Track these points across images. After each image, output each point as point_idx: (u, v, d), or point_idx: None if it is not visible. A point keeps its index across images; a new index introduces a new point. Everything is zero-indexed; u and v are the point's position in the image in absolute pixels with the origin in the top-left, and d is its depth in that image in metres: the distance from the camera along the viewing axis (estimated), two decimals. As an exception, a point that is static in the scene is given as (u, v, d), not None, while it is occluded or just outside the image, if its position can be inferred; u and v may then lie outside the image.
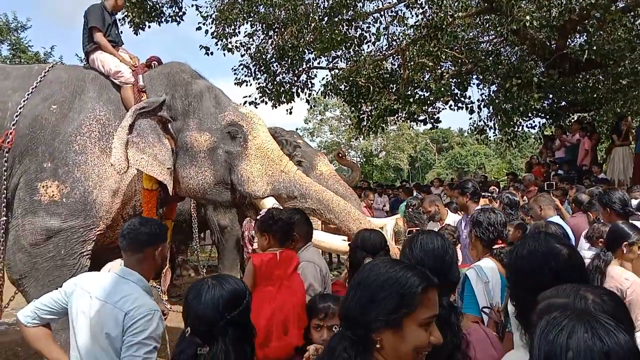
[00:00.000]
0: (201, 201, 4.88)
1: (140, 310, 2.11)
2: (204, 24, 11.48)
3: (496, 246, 3.02)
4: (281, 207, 3.77)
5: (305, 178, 4.24)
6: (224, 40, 11.57)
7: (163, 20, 11.78)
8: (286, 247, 3.00)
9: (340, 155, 10.10)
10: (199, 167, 4.05)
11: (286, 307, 2.56)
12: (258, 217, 3.23)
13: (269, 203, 3.99)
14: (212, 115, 4.12)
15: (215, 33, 11.46)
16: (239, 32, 11.78)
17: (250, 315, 1.89)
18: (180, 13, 12.02)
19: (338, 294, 2.75)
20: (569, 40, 10.77)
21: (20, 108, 4.02)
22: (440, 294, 1.65)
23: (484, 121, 13.26)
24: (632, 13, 9.72)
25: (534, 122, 14.04)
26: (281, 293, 2.65)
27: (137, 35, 11.55)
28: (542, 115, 13.57)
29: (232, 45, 11.83)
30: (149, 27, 11.73)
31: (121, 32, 4.88)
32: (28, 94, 4.10)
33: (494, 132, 13.62)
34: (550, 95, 12.15)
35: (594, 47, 9.26)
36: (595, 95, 11.54)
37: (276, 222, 3.01)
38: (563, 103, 13.09)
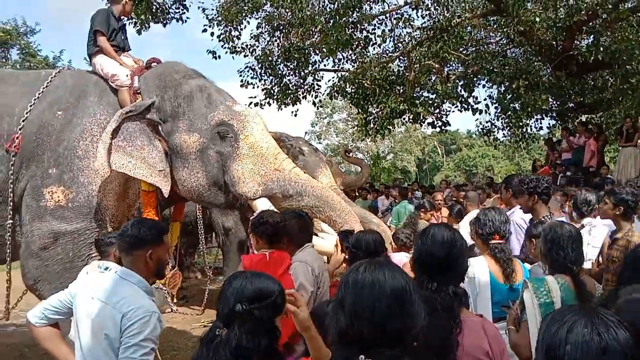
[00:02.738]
0: (200, 203, 4.74)
1: (138, 312, 2.13)
2: (209, 26, 11.54)
3: (493, 241, 3.07)
4: (274, 209, 3.74)
5: (301, 175, 4.07)
6: (230, 42, 11.62)
7: (168, 21, 11.77)
8: (276, 248, 3.03)
9: (347, 152, 10.06)
10: (191, 169, 4.01)
11: None
12: (251, 219, 3.27)
13: (262, 204, 3.90)
14: (202, 116, 4.05)
15: (221, 36, 11.51)
16: (244, 28, 11.74)
17: None
18: (184, 12, 11.89)
19: None
20: (576, 41, 10.72)
21: (26, 113, 4.07)
22: (447, 282, 1.89)
23: (491, 122, 13.24)
24: (639, 14, 9.67)
25: (541, 123, 14.02)
26: None
27: (139, 34, 11.54)
28: (551, 116, 13.52)
29: (239, 48, 11.88)
30: (149, 26, 11.64)
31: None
32: (34, 99, 4.14)
33: (503, 133, 13.61)
34: (558, 97, 12.09)
35: (601, 48, 9.20)
36: (603, 96, 11.48)
37: (263, 224, 3.05)
38: (571, 104, 13.02)
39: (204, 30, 11.59)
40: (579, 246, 2.67)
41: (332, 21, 10.34)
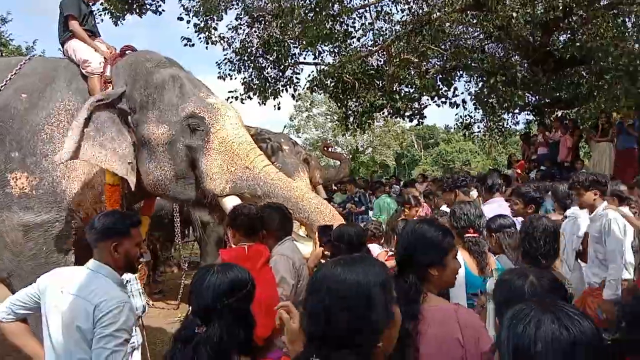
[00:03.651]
0: (165, 198, 4.46)
1: (110, 303, 2.12)
2: (186, 14, 11.35)
3: (467, 235, 3.12)
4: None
5: (272, 174, 3.88)
6: (207, 32, 11.45)
7: (144, 11, 11.55)
8: (255, 241, 2.99)
9: (325, 147, 10.03)
10: (158, 161, 3.86)
11: (255, 300, 2.56)
12: (228, 213, 3.22)
13: (231, 202, 3.73)
14: (173, 107, 3.89)
15: (197, 26, 11.33)
16: (222, 18, 11.54)
17: None
18: (161, 4, 11.73)
19: None
20: (553, 37, 10.86)
21: None
22: (408, 272, 1.93)
23: (469, 115, 13.35)
24: (614, 10, 9.81)
25: (518, 118, 14.19)
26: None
27: (116, 26, 11.33)
28: (528, 111, 13.69)
29: (215, 39, 11.72)
30: (124, 17, 11.41)
31: (99, 21, 4.80)
32: (2, 86, 4.01)
33: (479, 127, 13.76)
34: (535, 92, 12.24)
35: (578, 44, 9.33)
36: (578, 92, 11.65)
37: (238, 216, 3.01)
38: (548, 100, 13.21)
39: (180, 19, 11.40)
40: (552, 240, 2.74)
41: (312, 14, 10.28)
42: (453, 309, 1.93)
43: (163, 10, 11.76)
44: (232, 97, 12.03)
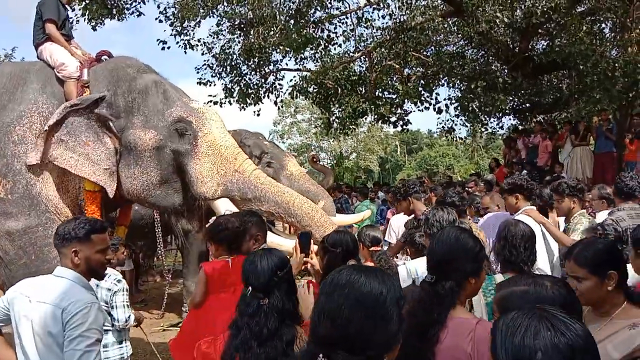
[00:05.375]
0: (144, 204, 4.40)
1: (78, 305, 2.11)
2: (164, 16, 11.23)
3: None
4: (235, 211, 3.60)
5: (262, 179, 3.95)
6: (185, 36, 11.36)
7: (124, 16, 11.34)
8: (238, 253, 2.93)
9: (314, 160, 10.08)
10: (144, 167, 3.85)
11: None
12: (207, 225, 3.14)
13: (222, 205, 3.79)
14: (158, 112, 3.91)
15: (174, 29, 11.20)
16: (198, 23, 11.44)
17: (206, 322, 2.52)
18: (141, 4, 11.47)
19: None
20: (532, 43, 11.00)
21: None
22: (445, 278, 1.93)
23: (451, 120, 13.45)
24: (592, 16, 9.98)
25: (501, 121, 14.31)
26: (236, 298, 2.60)
27: (95, 31, 11.14)
28: (510, 115, 13.81)
29: (194, 43, 11.61)
30: (103, 22, 11.21)
31: (75, 26, 4.75)
32: None
33: (462, 130, 13.87)
34: (515, 97, 12.37)
35: (557, 50, 9.46)
36: (559, 96, 11.80)
37: (222, 231, 2.94)
38: (528, 104, 13.34)
39: (160, 21, 11.27)
40: (531, 246, 2.70)
41: (292, 20, 10.28)
42: (474, 322, 1.89)
43: (142, 14, 11.63)
44: (212, 101, 11.95)
